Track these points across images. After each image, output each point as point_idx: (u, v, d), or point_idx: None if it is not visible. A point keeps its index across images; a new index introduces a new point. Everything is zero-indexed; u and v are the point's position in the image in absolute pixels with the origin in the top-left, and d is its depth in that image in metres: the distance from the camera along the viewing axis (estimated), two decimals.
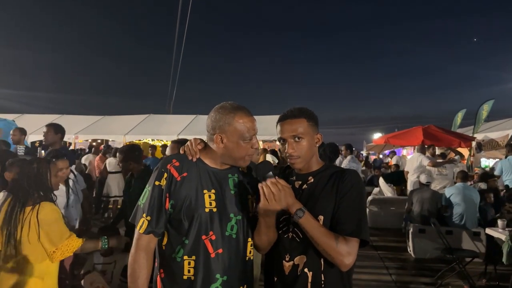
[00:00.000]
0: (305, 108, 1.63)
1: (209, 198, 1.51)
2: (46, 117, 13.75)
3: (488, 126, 14.04)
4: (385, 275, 5.09)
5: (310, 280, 1.48)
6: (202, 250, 1.48)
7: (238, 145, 1.52)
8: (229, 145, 1.52)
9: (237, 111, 1.53)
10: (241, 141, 1.52)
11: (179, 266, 1.49)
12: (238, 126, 1.51)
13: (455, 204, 5.81)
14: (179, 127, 12.39)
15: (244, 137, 1.52)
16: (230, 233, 1.52)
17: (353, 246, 1.43)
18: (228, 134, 1.52)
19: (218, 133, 1.53)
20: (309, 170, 1.63)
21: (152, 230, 1.50)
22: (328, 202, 1.51)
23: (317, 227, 1.43)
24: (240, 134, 1.51)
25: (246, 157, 1.57)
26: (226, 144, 1.53)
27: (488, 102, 12.81)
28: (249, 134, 1.53)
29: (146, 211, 1.51)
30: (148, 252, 1.52)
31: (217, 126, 1.53)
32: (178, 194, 1.50)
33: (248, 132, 1.52)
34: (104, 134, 12.89)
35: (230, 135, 1.51)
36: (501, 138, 11.28)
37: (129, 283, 1.50)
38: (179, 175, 1.52)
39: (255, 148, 1.57)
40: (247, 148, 1.54)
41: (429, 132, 9.67)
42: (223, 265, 1.48)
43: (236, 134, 1.51)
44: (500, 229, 4.72)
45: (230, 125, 1.51)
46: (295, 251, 1.53)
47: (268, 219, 1.47)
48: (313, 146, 1.60)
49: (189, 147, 1.62)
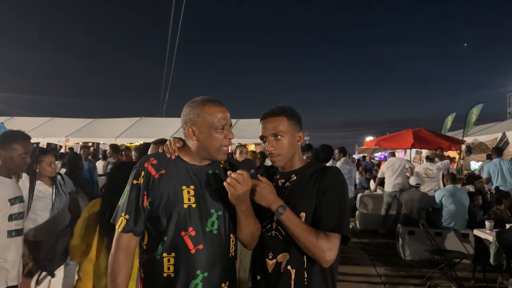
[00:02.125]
0: (287, 106, 1.64)
1: (188, 194, 1.50)
2: (36, 120, 13.66)
3: (477, 129, 14.22)
4: (374, 277, 5.11)
5: (293, 278, 1.49)
6: (182, 247, 1.47)
7: (210, 136, 1.52)
8: (201, 137, 1.52)
9: (206, 102, 1.54)
10: (212, 131, 1.51)
11: (158, 264, 1.48)
12: (207, 117, 1.51)
13: (446, 206, 5.86)
14: (171, 130, 12.36)
15: (215, 127, 1.51)
16: (210, 229, 1.51)
17: (334, 242, 1.43)
18: (199, 125, 1.51)
19: (189, 125, 1.53)
20: (291, 168, 1.64)
21: (131, 229, 1.49)
22: (310, 199, 1.52)
23: (298, 224, 1.43)
24: (210, 124, 1.51)
25: (222, 148, 1.55)
26: (198, 136, 1.53)
27: (477, 106, 12.97)
28: (220, 124, 1.52)
29: (124, 210, 1.51)
30: (128, 252, 1.50)
31: (188, 119, 1.54)
32: (156, 191, 1.49)
33: (219, 122, 1.52)
34: (95, 137, 12.83)
35: (201, 126, 1.51)
36: (490, 141, 11.42)
37: (108, 282, 1.48)
38: (156, 172, 1.52)
39: (229, 138, 1.56)
40: (220, 139, 1.53)
41: (419, 135, 9.77)
42: (204, 261, 1.47)
43: (206, 125, 1.51)
44: (488, 230, 4.77)
45: (199, 116, 1.51)
46: (278, 249, 1.53)
47: (243, 207, 1.47)
48: (294, 144, 1.61)
49: (168, 145, 1.62)
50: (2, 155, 2.42)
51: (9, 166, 2.45)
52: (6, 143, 2.44)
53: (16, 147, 2.44)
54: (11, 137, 2.49)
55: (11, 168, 2.47)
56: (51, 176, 3.17)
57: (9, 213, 2.37)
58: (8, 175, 2.46)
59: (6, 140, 2.45)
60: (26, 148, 2.50)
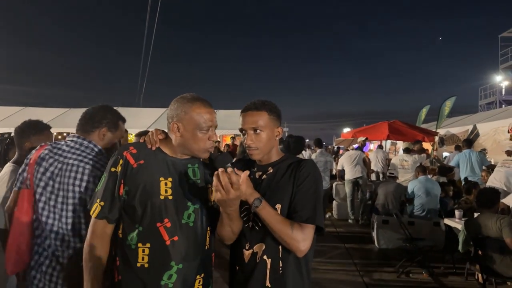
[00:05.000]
0: (268, 101, 1.65)
1: (165, 186, 1.51)
2: (8, 109, 13.22)
3: (450, 121, 14.68)
4: (349, 265, 5.25)
5: (269, 267, 1.53)
6: (157, 237, 1.48)
7: (194, 135, 1.52)
8: (185, 134, 1.53)
9: (195, 101, 1.54)
10: (197, 131, 1.52)
11: (133, 253, 1.49)
12: (194, 116, 1.51)
13: (418, 196, 6.06)
14: (149, 120, 12.19)
15: (201, 127, 1.52)
16: (186, 221, 1.53)
17: (308, 233, 1.47)
18: (184, 122, 1.52)
19: (175, 121, 1.53)
20: (269, 161, 1.67)
21: (105, 215, 1.50)
22: (286, 191, 1.55)
23: (274, 216, 1.47)
24: (196, 124, 1.52)
25: (204, 149, 1.57)
26: (182, 133, 1.53)
27: (450, 99, 13.34)
28: (206, 125, 1.53)
29: (100, 196, 1.51)
30: (104, 238, 1.52)
31: (175, 115, 1.53)
32: (133, 180, 1.49)
33: (205, 123, 1.52)
34: (69, 127, 12.48)
35: (186, 123, 1.52)
36: (462, 133, 11.83)
37: (84, 267, 1.49)
38: (135, 162, 1.52)
39: (212, 140, 1.58)
40: (204, 140, 1.54)
41: (394, 127, 10.01)
42: (178, 253, 1.49)
43: (192, 124, 1.51)
44: (457, 219, 4.97)
45: (187, 114, 1.52)
46: (254, 239, 1.56)
47: (230, 210, 1.45)
48: (272, 139, 1.63)
49: (150, 136, 1.62)
50: (27, 147, 2.28)
51: None
52: (33, 134, 2.32)
53: (41, 138, 2.32)
54: (37, 127, 2.36)
55: None
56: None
57: None
58: None
59: (32, 131, 2.33)
60: (50, 138, 2.41)
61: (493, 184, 5.86)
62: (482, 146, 10.29)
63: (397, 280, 4.74)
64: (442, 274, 4.92)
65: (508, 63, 23.47)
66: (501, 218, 3.76)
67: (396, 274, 4.87)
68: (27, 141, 2.29)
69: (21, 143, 2.31)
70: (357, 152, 8.15)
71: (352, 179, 7.78)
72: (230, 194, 1.34)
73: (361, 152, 8.24)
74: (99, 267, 1.50)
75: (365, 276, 4.83)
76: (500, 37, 24.37)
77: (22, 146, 2.31)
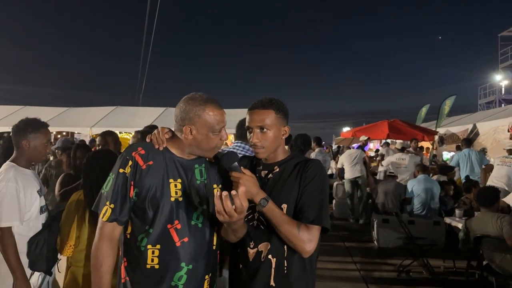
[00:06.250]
0: (275, 99, 1.63)
1: (175, 188, 1.51)
2: (7, 108, 13.18)
3: (450, 120, 14.67)
4: (349, 264, 5.26)
5: (274, 266, 1.53)
6: (168, 239, 1.48)
7: (207, 137, 1.51)
8: (198, 137, 1.51)
9: (208, 103, 1.51)
10: (210, 133, 1.51)
11: (142, 255, 1.48)
12: (208, 119, 1.49)
13: (417, 195, 6.06)
14: (149, 119, 12.14)
15: (214, 130, 1.51)
16: (196, 222, 1.53)
17: (314, 233, 1.48)
18: (198, 126, 1.50)
19: (187, 124, 1.50)
20: (275, 160, 1.66)
21: (115, 218, 1.48)
22: (292, 191, 1.55)
23: (280, 216, 1.47)
24: (210, 127, 1.50)
25: (215, 149, 1.57)
26: (195, 135, 1.51)
27: (450, 98, 13.33)
28: (218, 127, 1.52)
29: (109, 198, 1.49)
30: (112, 241, 1.50)
31: (187, 118, 1.50)
32: (143, 182, 1.49)
33: (218, 124, 1.51)
34: (69, 126, 12.47)
35: (200, 127, 1.50)
36: (461, 132, 11.83)
37: (92, 271, 1.48)
38: (144, 163, 1.51)
39: (223, 140, 1.57)
40: (216, 140, 1.54)
41: (394, 126, 10.02)
42: (188, 253, 1.49)
43: (206, 127, 1.50)
44: (457, 218, 4.98)
45: (200, 117, 1.49)
46: (259, 238, 1.56)
47: (234, 227, 1.43)
48: (278, 138, 1.62)
49: (156, 135, 1.60)
50: (25, 145, 2.28)
51: (31, 156, 2.32)
52: (30, 131, 2.30)
53: (39, 135, 2.32)
54: (33, 125, 2.35)
55: (33, 158, 2.37)
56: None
57: (40, 205, 2.31)
58: (27, 166, 2.35)
59: (29, 129, 2.31)
60: (48, 136, 2.41)
61: (494, 183, 5.87)
62: (482, 145, 10.29)
63: (397, 279, 4.74)
64: (443, 273, 4.94)
65: (508, 62, 23.49)
66: (501, 217, 3.76)
67: (397, 273, 4.87)
68: (24, 139, 2.29)
69: (19, 141, 2.31)
70: (358, 151, 8.14)
71: (351, 178, 7.76)
72: (233, 218, 1.29)
73: (361, 151, 8.23)
74: (109, 270, 1.49)
75: (365, 275, 4.84)
76: (500, 36, 24.40)
77: (20, 144, 2.30)
